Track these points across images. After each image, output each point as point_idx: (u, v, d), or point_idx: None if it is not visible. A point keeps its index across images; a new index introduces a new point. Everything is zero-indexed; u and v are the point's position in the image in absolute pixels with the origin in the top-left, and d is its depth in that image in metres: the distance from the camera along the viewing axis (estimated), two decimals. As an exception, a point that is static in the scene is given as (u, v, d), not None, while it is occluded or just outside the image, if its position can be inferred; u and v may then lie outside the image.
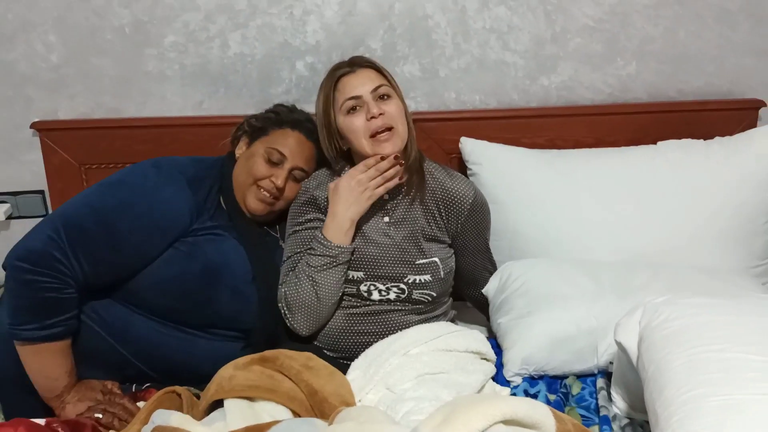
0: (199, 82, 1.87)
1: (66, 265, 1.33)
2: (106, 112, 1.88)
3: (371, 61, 1.53)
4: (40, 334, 1.34)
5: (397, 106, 1.49)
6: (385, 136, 1.46)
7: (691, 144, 1.81)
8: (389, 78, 1.52)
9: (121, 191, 1.44)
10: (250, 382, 1.30)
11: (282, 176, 1.52)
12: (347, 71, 1.50)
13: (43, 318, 1.34)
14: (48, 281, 1.32)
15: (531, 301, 1.50)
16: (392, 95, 1.50)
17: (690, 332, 1.07)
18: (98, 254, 1.37)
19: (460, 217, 1.55)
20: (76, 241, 1.35)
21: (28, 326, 1.34)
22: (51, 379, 1.39)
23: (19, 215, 1.95)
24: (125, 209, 1.41)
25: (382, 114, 1.45)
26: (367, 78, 1.49)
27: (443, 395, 1.28)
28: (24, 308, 1.34)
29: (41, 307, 1.34)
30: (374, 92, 1.48)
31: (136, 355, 1.43)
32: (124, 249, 1.40)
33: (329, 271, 1.47)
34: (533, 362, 1.42)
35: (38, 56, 1.82)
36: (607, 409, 1.28)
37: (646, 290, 1.43)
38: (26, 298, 1.34)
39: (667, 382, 1.01)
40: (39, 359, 1.37)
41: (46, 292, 1.33)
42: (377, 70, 1.52)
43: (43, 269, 1.32)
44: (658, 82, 1.94)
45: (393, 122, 1.46)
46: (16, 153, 1.89)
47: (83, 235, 1.36)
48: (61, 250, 1.33)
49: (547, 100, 1.93)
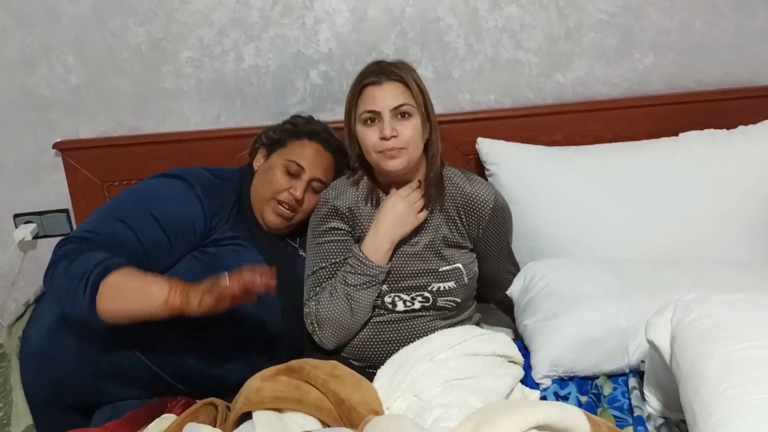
0: (216, 96, 1.88)
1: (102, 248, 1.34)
2: (126, 130, 1.90)
3: (400, 74, 1.44)
4: (110, 263, 1.30)
5: (414, 128, 1.43)
6: (393, 153, 1.42)
7: (714, 134, 1.78)
8: (416, 93, 1.43)
9: (136, 197, 1.47)
10: (277, 394, 1.30)
11: (301, 188, 1.53)
12: (374, 81, 1.43)
13: (97, 264, 1.30)
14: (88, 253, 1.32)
15: (557, 302, 1.48)
16: (413, 114, 1.43)
17: (724, 329, 1.05)
18: (132, 252, 1.38)
19: (481, 222, 1.53)
20: (106, 243, 1.36)
21: (95, 272, 1.29)
22: (148, 286, 1.30)
23: (45, 234, 1.98)
24: (140, 208, 1.43)
25: (395, 136, 1.41)
26: (390, 93, 1.42)
27: (472, 401, 1.27)
28: (78, 274, 1.29)
29: (89, 263, 1.30)
30: (395, 110, 1.42)
31: (165, 370, 1.44)
32: (147, 240, 1.40)
33: (367, 290, 1.47)
34: (562, 364, 1.41)
35: (58, 78, 1.85)
36: (641, 409, 1.26)
37: (675, 287, 1.40)
38: (71, 269, 1.30)
39: (703, 381, 0.99)
40: (123, 287, 1.29)
41: (92, 257, 1.31)
42: (406, 84, 1.43)
43: (83, 250, 1.32)
44: (676, 73, 1.91)
45: (405, 144, 1.42)
46: (39, 174, 1.93)
47: (114, 236, 1.37)
48: (95, 245, 1.34)
49: (562, 96, 1.92)
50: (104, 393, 1.45)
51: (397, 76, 1.43)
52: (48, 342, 1.45)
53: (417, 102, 1.43)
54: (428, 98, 1.47)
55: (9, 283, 2.02)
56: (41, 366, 1.44)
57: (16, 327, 1.52)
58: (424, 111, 1.45)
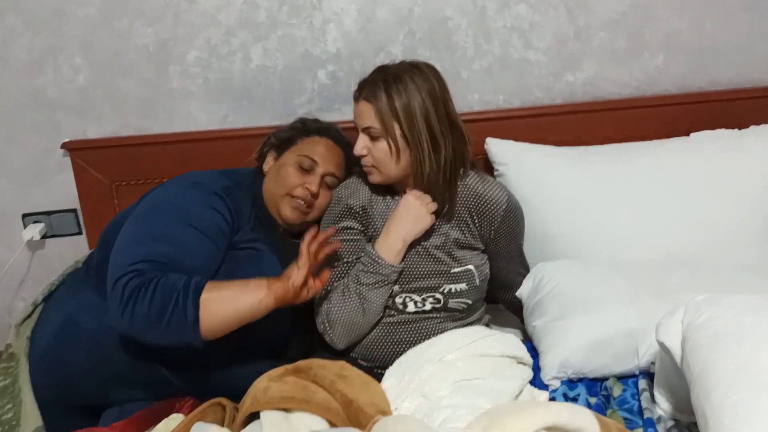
0: (223, 96, 1.88)
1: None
2: (133, 130, 1.90)
3: (371, 92, 1.40)
4: (196, 282, 1.29)
5: (380, 150, 1.41)
6: (367, 169, 1.47)
7: (725, 135, 1.77)
8: (384, 116, 1.39)
9: (164, 212, 1.43)
10: (284, 394, 1.30)
11: (315, 182, 1.52)
12: (354, 96, 1.46)
13: (178, 297, 1.28)
14: (155, 278, 1.29)
15: (566, 303, 1.47)
16: (380, 136, 1.41)
17: (736, 332, 1.04)
18: (190, 267, 1.35)
19: (493, 223, 1.52)
20: (168, 266, 1.32)
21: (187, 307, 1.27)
22: (244, 290, 1.31)
23: (53, 234, 1.98)
24: (176, 222, 1.40)
25: (365, 156, 1.44)
26: (360, 113, 1.43)
27: (480, 402, 1.26)
28: (167, 302, 1.27)
29: (171, 287, 1.28)
30: (365, 130, 1.43)
31: (174, 374, 1.44)
32: (199, 252, 1.38)
33: (380, 289, 1.46)
34: (571, 365, 1.40)
35: (65, 80, 1.85)
36: (651, 411, 1.25)
37: (685, 290, 1.39)
38: (155, 299, 1.27)
39: (715, 384, 0.98)
40: (221, 300, 1.29)
41: (162, 284, 1.28)
42: (373, 105, 1.40)
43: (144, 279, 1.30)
44: (686, 74, 1.90)
45: (375, 163, 1.45)
46: (48, 174, 1.93)
47: (168, 257, 1.34)
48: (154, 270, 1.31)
49: (572, 96, 1.91)
50: (112, 394, 1.45)
51: (368, 96, 1.41)
52: (56, 343, 1.45)
53: (385, 125, 1.39)
54: (411, 120, 1.38)
55: (17, 282, 2.03)
56: (49, 367, 1.44)
57: (25, 327, 1.52)
58: (399, 132, 1.40)
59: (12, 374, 1.46)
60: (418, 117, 1.39)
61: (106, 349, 1.41)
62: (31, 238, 1.93)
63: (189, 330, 1.28)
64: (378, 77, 1.42)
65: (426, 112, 1.40)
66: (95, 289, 1.47)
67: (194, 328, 1.28)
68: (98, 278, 1.48)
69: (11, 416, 1.41)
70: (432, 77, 1.42)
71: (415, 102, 1.39)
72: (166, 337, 1.30)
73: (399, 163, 1.43)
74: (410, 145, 1.41)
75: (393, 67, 1.44)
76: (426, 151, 1.41)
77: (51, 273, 1.93)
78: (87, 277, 1.52)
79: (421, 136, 1.40)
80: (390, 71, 1.42)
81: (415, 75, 1.40)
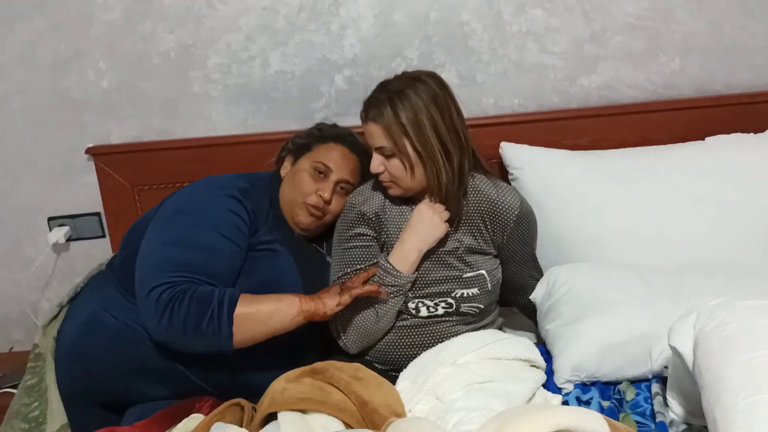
0: (243, 100, 1.91)
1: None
2: (156, 134, 1.94)
3: (377, 113, 1.41)
4: (230, 295, 1.35)
5: (395, 167, 1.44)
6: (386, 184, 1.49)
7: (742, 138, 1.76)
8: (393, 133, 1.40)
9: (185, 217, 1.47)
10: (301, 395, 1.32)
11: (328, 189, 1.55)
12: (362, 117, 1.47)
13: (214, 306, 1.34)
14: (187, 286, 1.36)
15: (579, 307, 1.48)
16: (394, 154, 1.42)
17: (748, 336, 1.04)
18: (215, 271, 1.40)
19: (506, 229, 1.53)
20: (199, 276, 1.38)
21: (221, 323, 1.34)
22: (278, 305, 1.38)
23: (78, 237, 2.03)
24: (199, 228, 1.44)
25: (382, 173, 1.46)
26: (370, 134, 1.45)
27: (493, 405, 1.28)
28: (202, 315, 1.33)
29: (206, 301, 1.34)
30: (377, 150, 1.45)
31: (195, 372, 1.47)
32: (222, 255, 1.43)
33: (394, 299, 1.48)
34: (584, 369, 1.40)
35: (90, 83, 1.90)
36: (663, 415, 1.25)
37: (700, 293, 1.38)
38: (191, 313, 1.33)
39: (726, 389, 0.98)
40: (255, 315, 1.36)
41: (195, 290, 1.35)
42: (381, 125, 1.41)
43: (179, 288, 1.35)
44: (703, 77, 1.89)
45: (394, 179, 1.47)
46: (72, 176, 1.97)
47: (197, 266, 1.39)
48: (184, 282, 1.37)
49: (588, 100, 1.91)
50: (134, 389, 1.49)
51: (374, 117, 1.42)
52: (80, 341, 1.49)
53: (396, 143, 1.41)
54: (420, 133, 1.40)
55: (43, 284, 2.08)
56: (73, 364, 1.48)
57: (51, 327, 1.56)
58: (410, 147, 1.41)
59: (39, 373, 1.51)
60: (428, 129, 1.40)
61: (128, 345, 1.45)
62: (56, 241, 1.97)
63: (223, 342, 1.36)
64: (382, 96, 1.42)
65: (434, 123, 1.41)
66: (118, 287, 1.51)
67: (228, 341, 1.36)
68: (121, 276, 1.52)
69: (38, 414, 1.45)
70: (435, 85, 1.43)
71: (422, 115, 1.40)
72: (199, 346, 1.38)
73: (414, 178, 1.45)
74: (424, 158, 1.43)
75: (395, 83, 1.45)
76: (441, 162, 1.43)
77: (75, 275, 1.99)
78: (110, 277, 1.56)
79: (434, 148, 1.42)
80: (392, 88, 1.43)
81: (418, 88, 1.41)
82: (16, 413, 1.46)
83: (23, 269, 2.04)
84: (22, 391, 1.49)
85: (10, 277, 2.07)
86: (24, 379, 1.51)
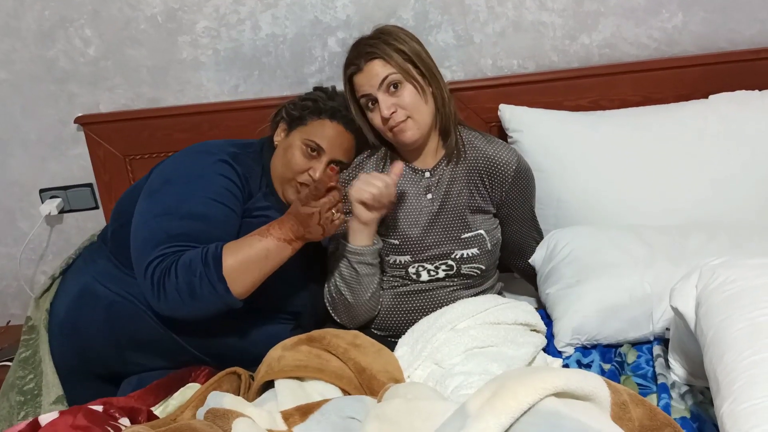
0: (234, 66, 1.87)
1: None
2: (145, 102, 1.90)
3: (374, 50, 1.41)
4: (213, 250, 1.32)
5: (410, 94, 1.41)
6: (400, 127, 1.42)
7: (746, 96, 1.72)
8: (397, 61, 1.40)
9: (174, 186, 1.43)
10: (298, 362, 1.31)
11: (320, 169, 1.50)
12: (354, 70, 1.43)
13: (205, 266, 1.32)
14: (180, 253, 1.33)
15: (579, 269, 1.46)
16: (402, 81, 1.41)
17: (751, 294, 1.02)
18: (210, 238, 1.37)
19: (504, 185, 1.51)
20: (191, 244, 1.35)
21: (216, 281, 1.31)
22: (262, 245, 1.34)
23: (70, 209, 2.01)
24: (193, 195, 1.40)
25: (394, 112, 1.41)
26: (372, 73, 1.41)
27: (493, 369, 1.27)
28: (193, 279, 1.30)
29: (191, 265, 1.31)
30: (382, 85, 1.41)
31: (190, 342, 1.46)
32: (217, 221, 1.40)
33: (367, 275, 1.47)
34: (584, 332, 1.39)
35: (76, 51, 1.85)
36: (665, 377, 1.24)
37: (702, 253, 1.36)
38: (180, 281, 1.31)
39: (728, 347, 0.96)
40: (244, 261, 1.33)
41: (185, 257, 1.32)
42: (382, 57, 1.41)
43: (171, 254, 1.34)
44: (706, 32, 1.84)
45: (408, 112, 1.42)
46: (63, 148, 1.94)
47: (190, 235, 1.36)
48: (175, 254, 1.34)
49: (588, 59, 1.86)
50: (129, 362, 1.48)
51: (372, 54, 1.41)
52: (74, 314, 1.47)
53: (402, 68, 1.40)
54: (420, 58, 1.43)
55: (38, 257, 2.06)
56: (67, 337, 1.47)
57: (44, 300, 1.55)
58: (416, 71, 1.42)
59: (33, 346, 1.49)
60: (423, 55, 1.45)
61: (122, 316, 1.43)
62: (48, 213, 1.95)
63: (223, 299, 1.33)
64: (369, 42, 1.43)
65: (425, 51, 1.46)
66: (110, 258, 1.49)
67: (228, 296, 1.33)
68: (114, 248, 1.50)
69: (33, 386, 1.45)
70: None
71: (413, 43, 1.45)
72: (205, 310, 1.35)
73: (427, 102, 1.44)
74: (428, 78, 1.43)
75: (374, 32, 1.46)
76: (440, 83, 1.45)
77: (70, 246, 1.97)
78: (102, 248, 1.54)
79: (433, 70, 1.45)
80: (373, 35, 1.45)
81: (398, 30, 1.46)
82: (12, 386, 1.45)
83: (17, 243, 2.02)
84: (17, 363, 1.48)
85: (5, 251, 2.05)
86: (18, 352, 1.50)
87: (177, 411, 1.26)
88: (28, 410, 1.40)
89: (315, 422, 1.11)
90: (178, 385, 1.37)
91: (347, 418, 1.10)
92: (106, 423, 1.14)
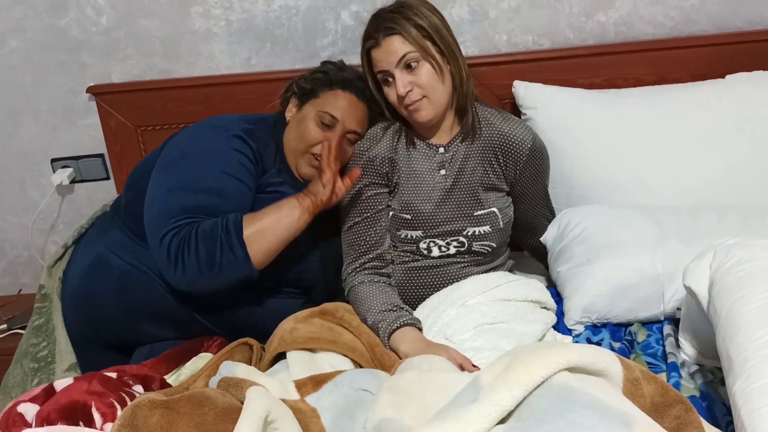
0: (246, 38, 1.86)
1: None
2: (157, 73, 1.89)
3: (394, 26, 1.38)
4: (232, 220, 1.35)
5: (427, 73, 1.39)
6: (415, 107, 1.41)
7: (763, 76, 1.70)
8: (416, 38, 1.38)
9: (190, 160, 1.43)
10: (310, 334, 1.32)
11: (335, 138, 1.49)
12: (373, 44, 1.41)
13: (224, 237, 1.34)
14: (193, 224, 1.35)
15: (591, 248, 1.46)
16: (420, 60, 1.38)
17: (764, 274, 1.02)
18: (225, 212, 1.37)
19: (518, 163, 1.50)
20: (197, 217, 1.36)
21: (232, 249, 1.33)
22: (278, 214, 1.38)
23: (81, 179, 2.01)
24: (207, 170, 1.41)
25: (410, 90, 1.39)
26: (390, 50, 1.38)
27: (503, 345, 1.28)
28: (212, 249, 1.32)
29: (212, 234, 1.33)
30: (399, 63, 1.38)
31: (202, 313, 1.47)
32: (231, 195, 1.41)
33: None
34: (595, 310, 1.39)
35: (89, 20, 1.84)
36: (675, 356, 1.25)
37: (714, 234, 1.36)
38: (200, 250, 1.32)
39: (741, 326, 0.97)
40: (262, 230, 1.35)
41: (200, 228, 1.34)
42: (401, 33, 1.38)
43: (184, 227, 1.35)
44: (724, 12, 1.81)
45: (424, 92, 1.40)
46: (74, 118, 1.94)
47: (204, 208, 1.37)
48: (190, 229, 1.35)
49: (604, 37, 1.84)
50: (141, 332, 1.49)
51: (391, 29, 1.39)
52: (86, 283, 1.48)
53: (421, 46, 1.38)
54: (440, 34, 1.40)
55: (49, 226, 2.07)
56: (80, 305, 1.48)
57: (56, 268, 1.56)
58: (435, 50, 1.40)
59: (46, 313, 1.51)
60: (443, 30, 1.42)
61: (134, 286, 1.44)
62: (60, 183, 1.95)
63: (243, 268, 1.34)
64: (389, 15, 1.41)
65: (446, 26, 1.43)
66: (124, 228, 1.50)
67: (247, 264, 1.34)
68: (127, 218, 1.51)
69: (46, 353, 1.46)
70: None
71: (434, 17, 1.42)
72: (223, 280, 1.35)
73: (444, 82, 1.42)
74: (447, 56, 1.42)
75: (394, 5, 1.43)
76: (459, 61, 1.43)
77: (81, 217, 1.98)
78: (115, 219, 1.55)
79: (453, 47, 1.43)
80: (392, 8, 1.42)
81: (419, 3, 1.43)
82: (25, 353, 1.47)
83: (29, 213, 2.03)
84: (30, 331, 1.50)
85: (16, 221, 2.06)
86: (31, 320, 1.52)
87: (190, 380, 1.27)
88: (41, 377, 1.42)
89: (328, 392, 1.12)
90: (190, 355, 1.39)
91: (360, 390, 1.11)
92: (121, 389, 1.15)
